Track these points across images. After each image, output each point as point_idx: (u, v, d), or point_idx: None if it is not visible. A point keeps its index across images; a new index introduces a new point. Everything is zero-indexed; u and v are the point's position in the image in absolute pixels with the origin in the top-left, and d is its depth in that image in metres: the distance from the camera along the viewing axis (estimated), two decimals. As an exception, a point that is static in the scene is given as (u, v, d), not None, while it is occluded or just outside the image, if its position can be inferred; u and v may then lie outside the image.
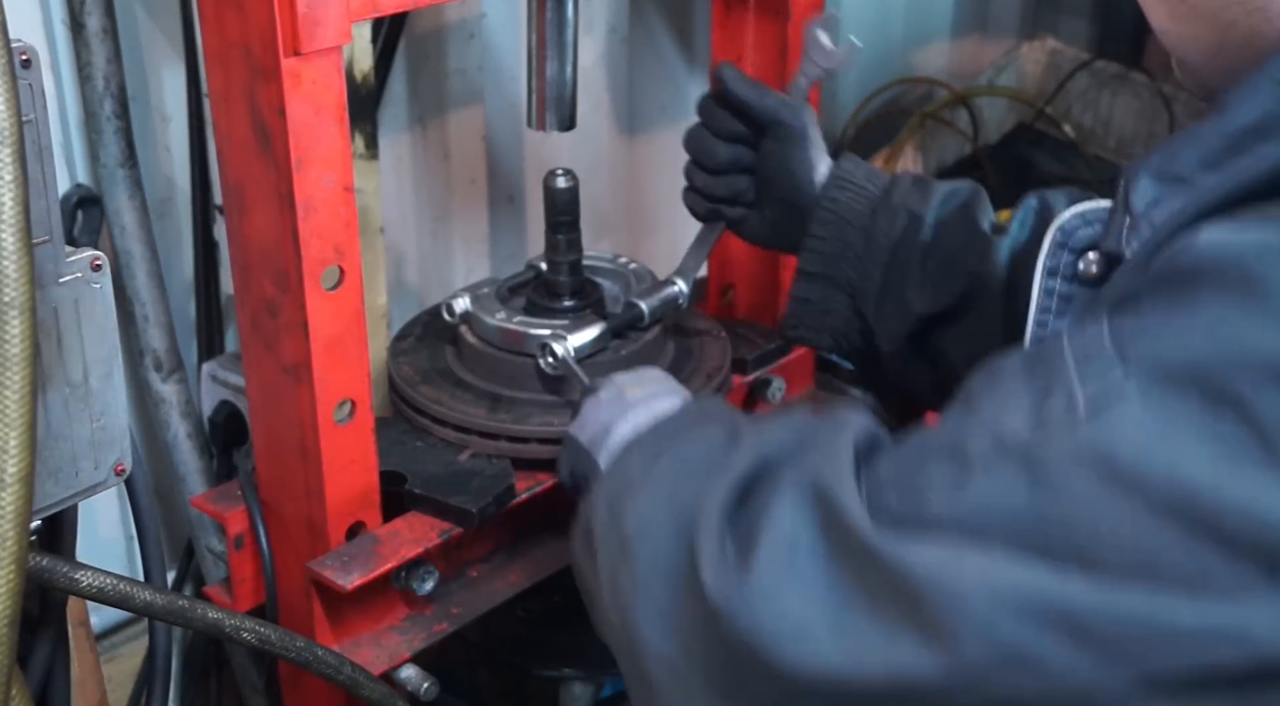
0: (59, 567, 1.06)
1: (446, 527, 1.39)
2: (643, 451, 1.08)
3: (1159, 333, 0.75)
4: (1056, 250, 0.98)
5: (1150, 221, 0.85)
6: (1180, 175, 0.84)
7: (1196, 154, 0.84)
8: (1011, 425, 0.76)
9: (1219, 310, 0.72)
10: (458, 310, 1.55)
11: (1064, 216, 0.98)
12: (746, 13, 1.68)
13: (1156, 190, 0.85)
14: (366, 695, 1.27)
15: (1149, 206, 0.85)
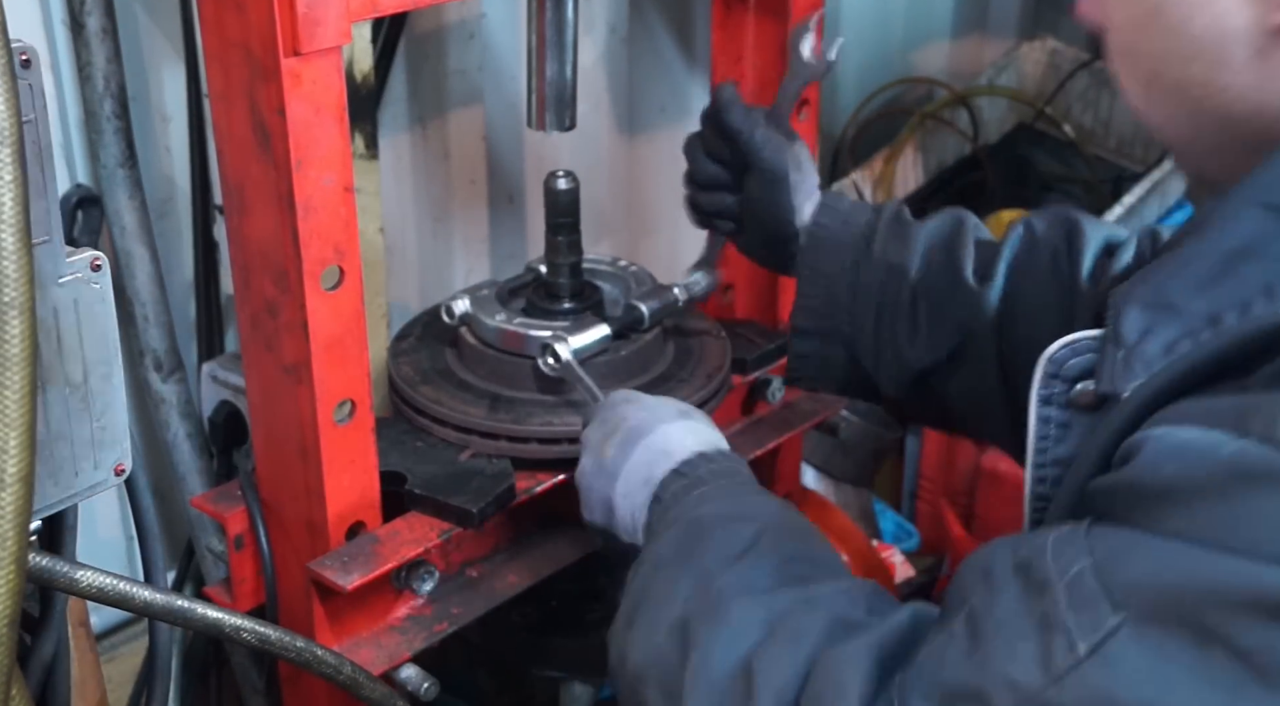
0: (59, 567, 1.06)
1: (446, 527, 1.39)
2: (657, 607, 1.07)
3: (1137, 560, 0.76)
4: (1049, 381, 0.99)
5: (1143, 355, 0.86)
6: (1169, 303, 0.86)
7: (1182, 281, 0.86)
8: (1024, 675, 0.79)
9: (1189, 541, 0.74)
10: (457, 312, 1.55)
11: (1053, 348, 0.99)
12: (746, 13, 1.68)
13: (1146, 319, 0.87)
14: (366, 695, 1.27)
15: (1141, 337, 0.87)
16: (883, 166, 2.50)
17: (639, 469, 1.21)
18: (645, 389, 1.53)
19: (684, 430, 1.24)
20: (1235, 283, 0.83)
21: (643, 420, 1.25)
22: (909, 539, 2.40)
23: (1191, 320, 0.84)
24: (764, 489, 1.19)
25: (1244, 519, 0.73)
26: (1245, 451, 0.74)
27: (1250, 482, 0.73)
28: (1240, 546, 0.72)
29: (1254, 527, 0.73)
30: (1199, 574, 0.74)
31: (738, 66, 1.70)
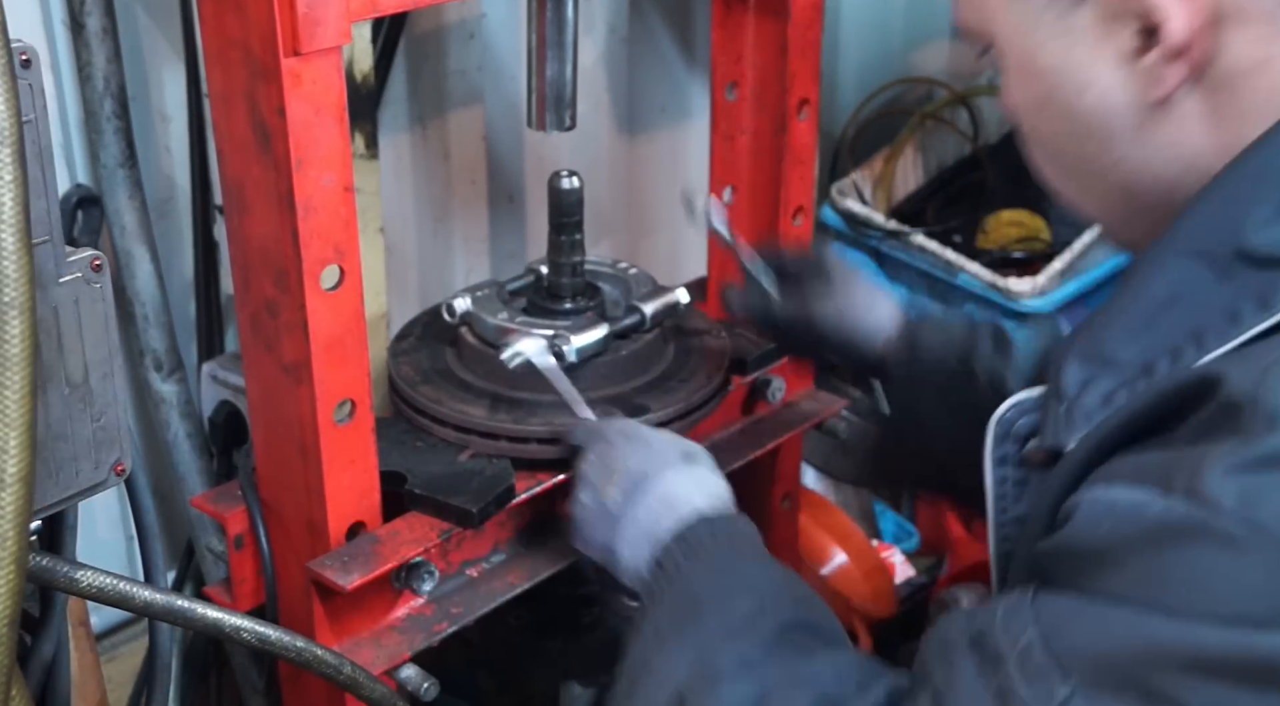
0: (59, 567, 1.06)
1: (446, 527, 1.39)
2: None
3: (1080, 627, 0.78)
4: (1000, 442, 1.01)
5: (1083, 407, 0.88)
6: (1104, 354, 0.89)
7: (1115, 332, 0.89)
8: None
9: (1125, 604, 0.76)
10: (458, 311, 1.55)
11: (1001, 409, 1.00)
12: (746, 13, 1.68)
13: (1085, 372, 0.89)
14: (366, 695, 1.27)
15: (1080, 389, 0.89)
16: (883, 166, 2.50)
17: (643, 521, 1.20)
18: (645, 388, 1.53)
19: (688, 480, 1.23)
20: (1164, 330, 0.86)
21: (645, 465, 1.24)
22: (909, 539, 2.40)
23: (1126, 370, 0.87)
24: (764, 553, 1.17)
25: (1174, 577, 0.75)
26: (1171, 509, 0.76)
27: (1177, 539, 0.75)
28: (1174, 605, 0.74)
29: (1185, 585, 0.74)
30: (1138, 636, 0.75)
31: (738, 66, 1.70)
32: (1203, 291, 0.85)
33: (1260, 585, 0.73)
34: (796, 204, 1.76)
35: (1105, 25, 0.90)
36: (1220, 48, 0.87)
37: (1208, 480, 0.75)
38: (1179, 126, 0.90)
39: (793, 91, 1.68)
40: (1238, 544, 0.73)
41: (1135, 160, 0.93)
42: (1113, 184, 0.95)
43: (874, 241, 2.38)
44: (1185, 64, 0.87)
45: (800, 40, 1.66)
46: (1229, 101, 0.89)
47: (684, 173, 2.34)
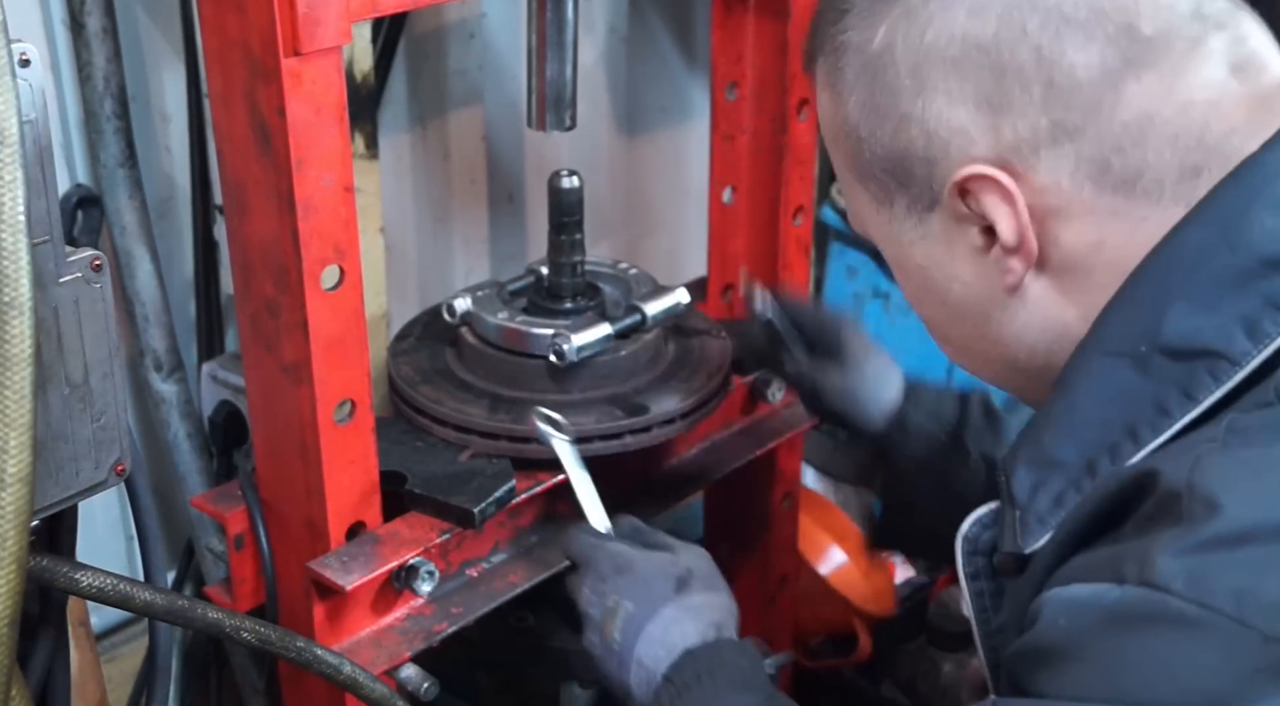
0: (59, 567, 1.06)
1: (446, 527, 1.39)
2: None
3: None
4: (970, 558, 1.05)
5: (1036, 511, 0.93)
6: (1049, 458, 0.94)
7: (1056, 436, 0.94)
8: None
9: (1084, 701, 0.79)
10: (458, 311, 1.55)
11: (964, 527, 1.05)
12: (746, 13, 1.68)
13: (1032, 476, 0.95)
14: (366, 695, 1.27)
15: (1031, 493, 0.94)
16: (883, 166, 2.50)
17: (646, 663, 1.21)
18: (646, 388, 1.53)
19: (681, 615, 1.21)
20: (1100, 429, 0.92)
21: (640, 604, 1.23)
22: (909, 539, 2.40)
23: (1071, 470, 0.93)
24: (750, 680, 1.17)
25: (1133, 663, 0.77)
26: (1125, 596, 0.78)
27: (1133, 625, 0.78)
28: (1135, 692, 0.76)
29: (1145, 670, 0.77)
30: None
31: (738, 66, 1.70)
32: (1131, 389, 0.91)
33: (1217, 664, 0.75)
34: (796, 204, 1.76)
35: (954, 227, 0.99)
36: (1053, 240, 0.95)
37: (1158, 566, 0.77)
38: (1037, 307, 0.99)
39: (793, 91, 1.68)
40: (1192, 625, 0.75)
41: (1008, 337, 1.01)
42: (995, 358, 1.04)
43: (874, 241, 2.37)
44: (1022, 256, 0.96)
45: (800, 40, 1.66)
46: (1076, 279, 0.97)
47: (684, 173, 2.34)
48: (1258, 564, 0.76)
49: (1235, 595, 0.75)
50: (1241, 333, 0.87)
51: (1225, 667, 0.75)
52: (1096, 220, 0.94)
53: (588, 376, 1.51)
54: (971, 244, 0.99)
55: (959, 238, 0.99)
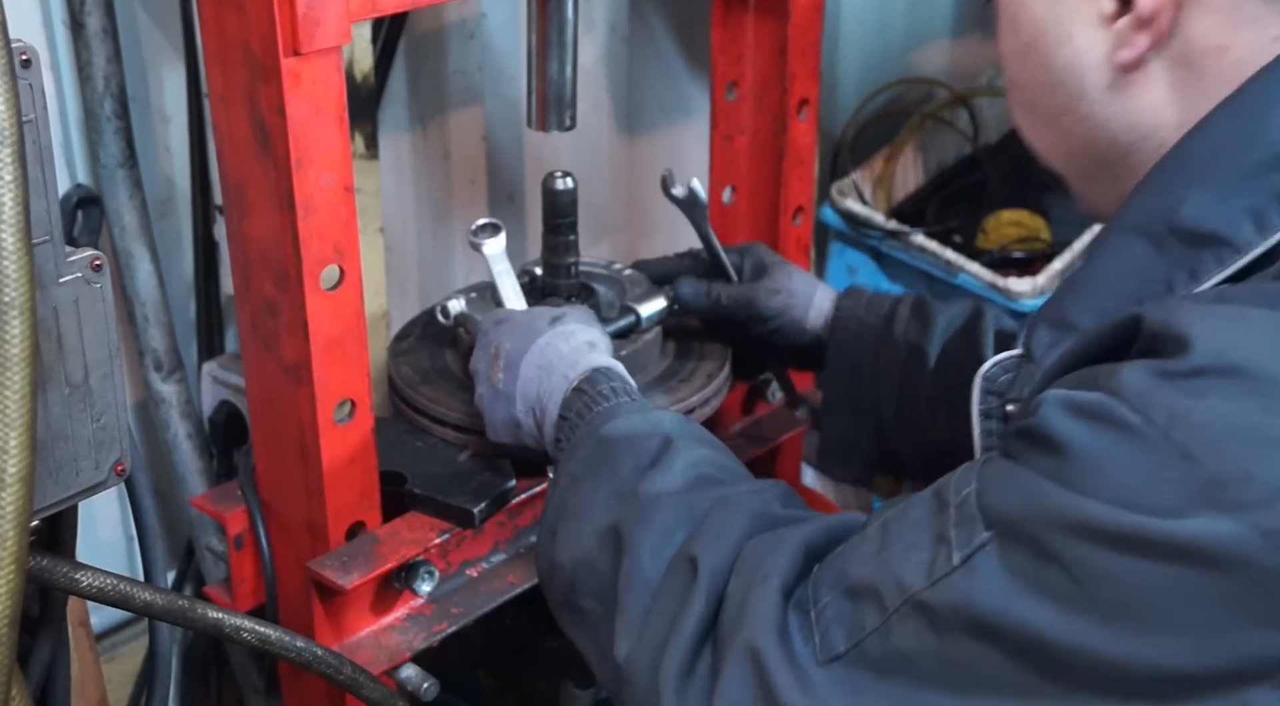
0: (59, 567, 1.06)
1: (446, 527, 1.39)
2: None
3: (1004, 490, 0.89)
4: (985, 396, 1.11)
5: (1044, 366, 0.98)
6: (1066, 320, 0.99)
7: (1075, 301, 1.00)
8: (911, 577, 0.91)
9: (1038, 476, 0.86)
10: (452, 312, 1.55)
11: (985, 366, 1.11)
12: (746, 13, 1.68)
13: (1050, 336, 1.00)
14: (366, 695, 1.27)
15: (1045, 351, 0.99)
16: (883, 166, 2.50)
17: (529, 386, 1.30)
18: (646, 389, 1.53)
19: (560, 342, 1.31)
20: (1114, 299, 0.96)
21: (517, 340, 1.33)
22: (909, 539, 2.39)
23: (1082, 334, 0.97)
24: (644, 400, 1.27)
25: (1077, 454, 0.84)
26: (1088, 397, 0.86)
27: (1085, 421, 0.85)
28: (1074, 481, 0.84)
29: (1083, 462, 0.84)
30: (1040, 502, 0.85)
31: (738, 66, 1.71)
32: (1145, 265, 0.96)
33: (1141, 469, 0.82)
34: (796, 204, 1.76)
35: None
36: (1183, 25, 0.95)
37: (1120, 379, 0.85)
38: (1143, 92, 0.99)
39: (793, 91, 1.68)
40: (1132, 432, 0.83)
41: (1099, 118, 1.01)
42: (1077, 138, 1.04)
43: (874, 241, 2.38)
44: (1151, 33, 0.96)
45: (800, 40, 1.66)
46: (1188, 79, 0.97)
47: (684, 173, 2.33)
48: (1198, 392, 0.82)
49: (1169, 413, 0.82)
50: (1249, 222, 0.91)
51: (1147, 475, 0.82)
52: (1232, 21, 0.94)
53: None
54: (1100, 8, 0.98)
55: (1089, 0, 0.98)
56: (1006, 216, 2.44)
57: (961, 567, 0.88)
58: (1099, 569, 0.83)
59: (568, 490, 1.17)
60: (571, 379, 1.28)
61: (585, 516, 1.13)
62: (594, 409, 1.24)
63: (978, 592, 0.87)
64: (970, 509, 0.90)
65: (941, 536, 0.90)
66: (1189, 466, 0.81)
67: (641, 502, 1.10)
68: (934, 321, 1.48)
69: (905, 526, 0.94)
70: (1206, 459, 0.80)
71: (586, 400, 1.25)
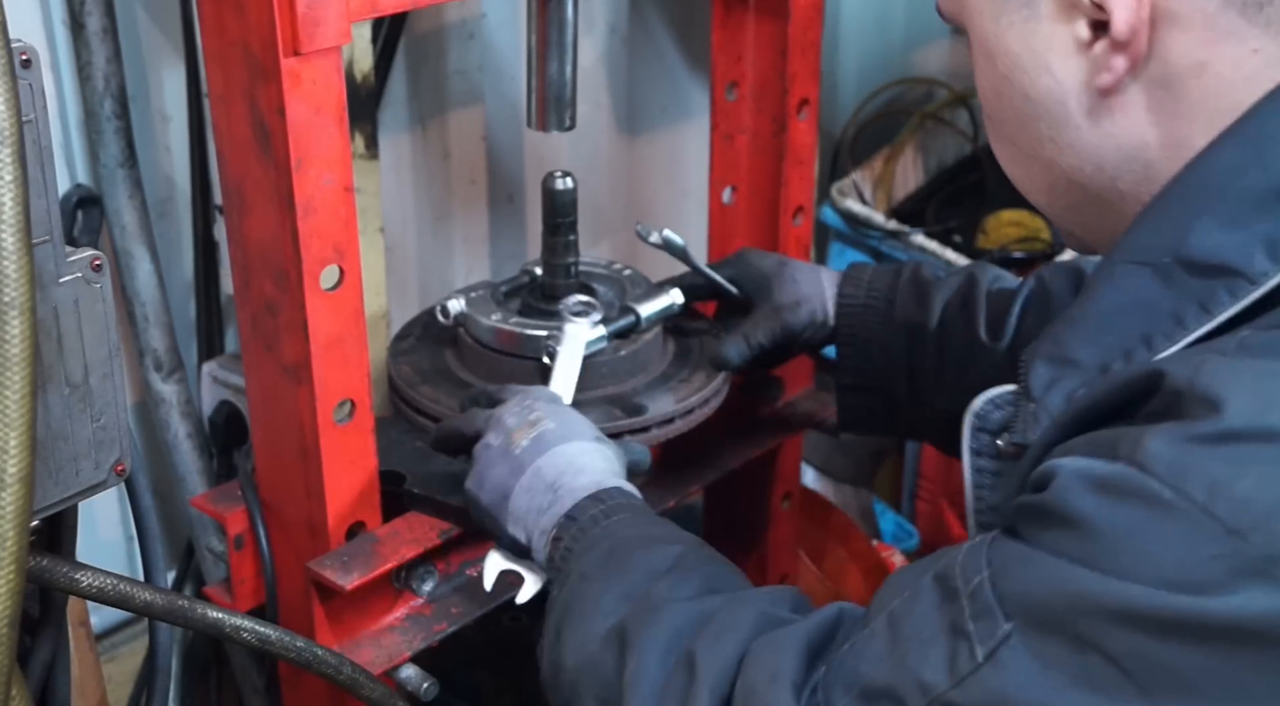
0: (59, 567, 1.06)
1: (446, 527, 1.39)
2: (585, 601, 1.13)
3: (1023, 577, 0.85)
4: (976, 433, 1.08)
5: (1048, 406, 0.96)
6: (1067, 357, 0.96)
7: (1076, 336, 0.96)
8: (933, 677, 0.87)
9: (1063, 560, 0.83)
10: (452, 312, 1.55)
11: (976, 404, 1.07)
12: (746, 13, 1.68)
13: (1050, 373, 0.97)
14: (366, 695, 1.27)
15: (1046, 389, 0.97)
16: (883, 166, 2.50)
17: (547, 472, 1.23)
18: (645, 388, 1.53)
19: (598, 454, 1.26)
20: (1118, 334, 0.94)
21: (562, 428, 1.27)
22: (909, 539, 2.40)
23: (1086, 371, 0.95)
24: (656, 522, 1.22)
25: (1106, 534, 0.81)
26: (1112, 471, 0.82)
27: (1112, 498, 0.81)
28: (1104, 562, 0.80)
29: (1116, 543, 0.80)
30: (1070, 588, 0.82)
31: (738, 66, 1.71)
32: (1151, 298, 0.92)
33: (1181, 547, 0.78)
34: (796, 204, 1.76)
35: (1062, 14, 0.96)
36: (1160, 45, 0.93)
37: (1148, 449, 0.81)
38: (1123, 116, 0.96)
39: (793, 91, 1.68)
40: (1164, 507, 0.79)
41: (1082, 146, 0.99)
42: (1060, 169, 1.01)
43: (874, 241, 2.38)
44: (1128, 55, 0.93)
45: (800, 40, 1.66)
46: (1169, 99, 0.94)
47: (684, 173, 2.34)
48: (1239, 461, 0.79)
49: (1209, 486, 0.78)
50: (1262, 252, 0.88)
51: (1188, 552, 0.78)
52: (1209, 38, 0.92)
53: (587, 376, 1.50)
54: (1076, 35, 0.95)
55: (1064, 26, 0.96)
56: (1006, 216, 2.44)
57: (987, 663, 0.84)
58: (1148, 656, 0.79)
59: (575, 590, 1.13)
60: (589, 487, 1.22)
61: (592, 617, 1.10)
62: (610, 517, 1.19)
63: (1013, 688, 0.83)
64: (986, 598, 0.86)
65: (958, 629, 0.86)
66: (1237, 542, 0.77)
67: (652, 604, 1.06)
68: (931, 298, 1.48)
69: (915, 620, 0.90)
70: (1257, 535, 0.77)
71: (603, 509, 1.20)
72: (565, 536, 1.19)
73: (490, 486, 1.26)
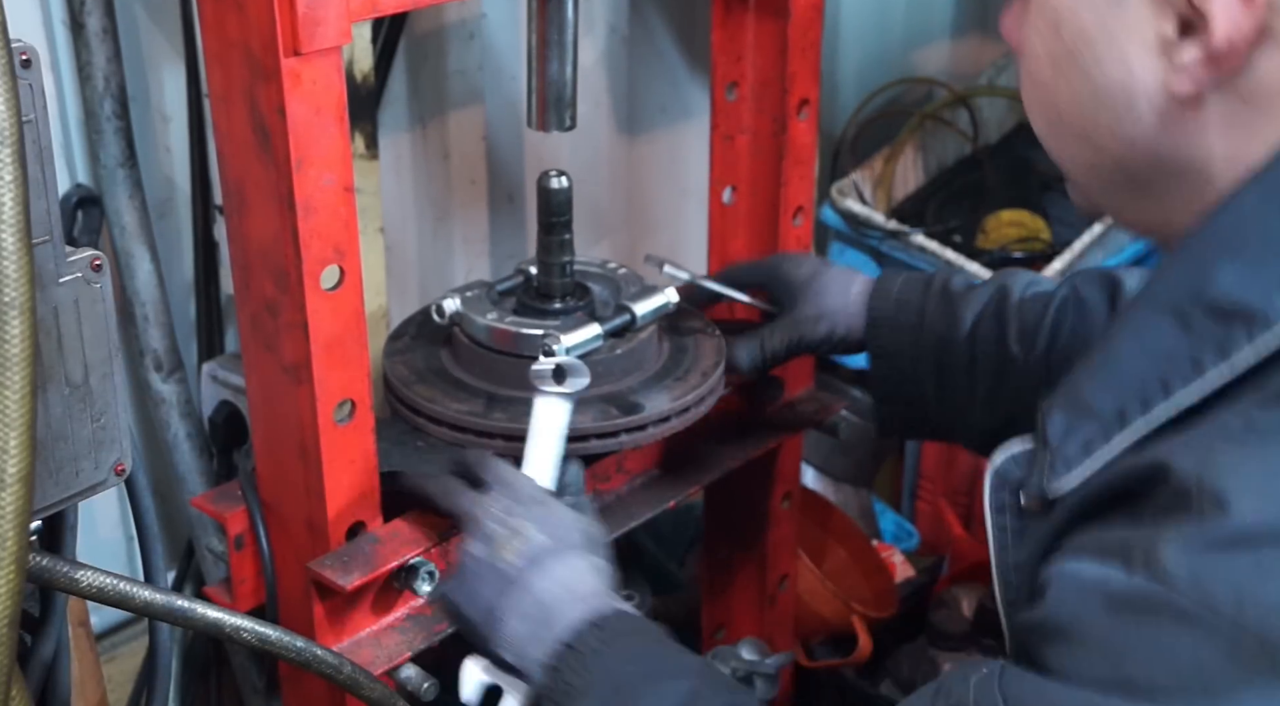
0: (59, 567, 1.06)
1: (446, 527, 1.39)
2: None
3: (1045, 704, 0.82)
4: (997, 491, 1.05)
5: (1064, 455, 0.93)
6: (1085, 404, 0.94)
7: (1095, 383, 0.94)
8: None
9: (1085, 684, 0.80)
10: (447, 312, 1.55)
11: (997, 461, 1.05)
12: (746, 13, 1.68)
13: (1066, 422, 0.94)
14: (366, 695, 1.27)
15: (1062, 437, 0.94)
16: (883, 166, 2.50)
17: (542, 598, 1.15)
18: (640, 387, 1.53)
19: (590, 569, 1.19)
20: (1137, 381, 0.91)
21: (550, 538, 1.19)
22: (909, 539, 2.40)
23: (1102, 418, 0.92)
24: (680, 646, 1.15)
25: (1135, 653, 0.79)
26: (1132, 584, 0.80)
27: (1137, 614, 0.79)
28: (1134, 681, 0.78)
29: (1145, 660, 0.78)
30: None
31: (738, 66, 1.71)
32: (1170, 344, 0.90)
33: (1218, 661, 0.77)
34: (796, 204, 1.76)
35: (1152, 8, 0.89)
36: (1256, 62, 0.87)
37: (1164, 560, 0.79)
38: (1196, 126, 0.91)
39: (793, 91, 1.68)
40: (1193, 621, 0.77)
41: (1144, 143, 0.93)
42: (1109, 155, 0.96)
43: (874, 241, 2.38)
44: (1219, 69, 0.87)
45: (800, 40, 1.66)
46: (1249, 116, 0.89)
47: (684, 173, 2.35)
48: (1261, 567, 0.77)
49: (1236, 597, 0.77)
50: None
51: (1225, 665, 0.76)
52: None
53: (586, 376, 1.51)
54: (1161, 32, 0.88)
55: (1151, 18, 0.89)
56: (1006, 216, 2.44)
57: None
58: None
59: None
60: (587, 614, 1.13)
61: None
62: (612, 645, 1.11)
63: None
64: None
65: None
66: (1271, 652, 0.76)
67: None
68: (960, 313, 1.47)
69: None
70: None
71: (603, 637, 1.11)
72: (565, 668, 1.10)
73: (477, 603, 1.18)
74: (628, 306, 1.54)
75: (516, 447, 1.45)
